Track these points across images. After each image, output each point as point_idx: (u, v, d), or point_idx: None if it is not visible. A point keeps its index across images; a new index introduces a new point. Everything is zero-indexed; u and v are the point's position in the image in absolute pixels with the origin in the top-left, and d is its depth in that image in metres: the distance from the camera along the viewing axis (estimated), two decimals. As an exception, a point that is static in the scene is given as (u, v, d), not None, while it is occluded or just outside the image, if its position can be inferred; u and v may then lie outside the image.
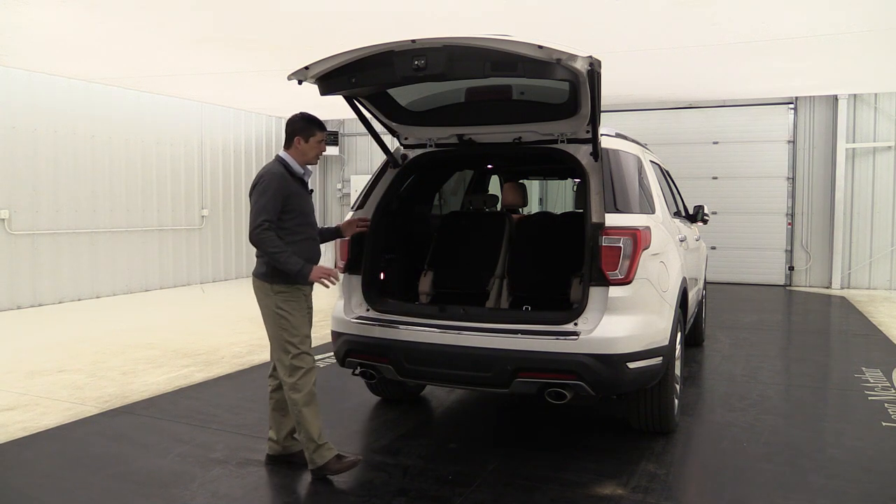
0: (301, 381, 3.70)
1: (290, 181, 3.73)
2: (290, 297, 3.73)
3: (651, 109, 13.00)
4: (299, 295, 3.77)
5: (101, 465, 3.98)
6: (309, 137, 3.82)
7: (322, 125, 3.90)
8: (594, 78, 3.46)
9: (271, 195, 3.62)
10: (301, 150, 3.82)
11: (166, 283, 11.85)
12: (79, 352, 6.81)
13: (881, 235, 11.99)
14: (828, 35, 7.71)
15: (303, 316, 3.79)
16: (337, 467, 3.72)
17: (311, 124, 3.84)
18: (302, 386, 3.70)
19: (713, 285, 10.91)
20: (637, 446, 4.22)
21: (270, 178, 3.67)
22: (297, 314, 3.75)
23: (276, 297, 3.72)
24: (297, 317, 3.75)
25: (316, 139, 3.84)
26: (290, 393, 3.71)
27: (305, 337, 3.78)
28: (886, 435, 4.49)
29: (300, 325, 3.76)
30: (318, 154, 3.88)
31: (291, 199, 3.71)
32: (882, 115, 11.86)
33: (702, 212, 6.57)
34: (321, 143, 3.87)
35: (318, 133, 3.85)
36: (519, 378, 3.75)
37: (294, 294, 3.74)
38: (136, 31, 7.55)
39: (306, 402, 3.70)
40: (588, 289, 3.78)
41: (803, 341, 7.96)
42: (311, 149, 3.83)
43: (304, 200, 3.81)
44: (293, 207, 3.72)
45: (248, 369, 6.21)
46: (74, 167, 10.26)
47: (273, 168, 3.75)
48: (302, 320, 3.78)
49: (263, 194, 3.63)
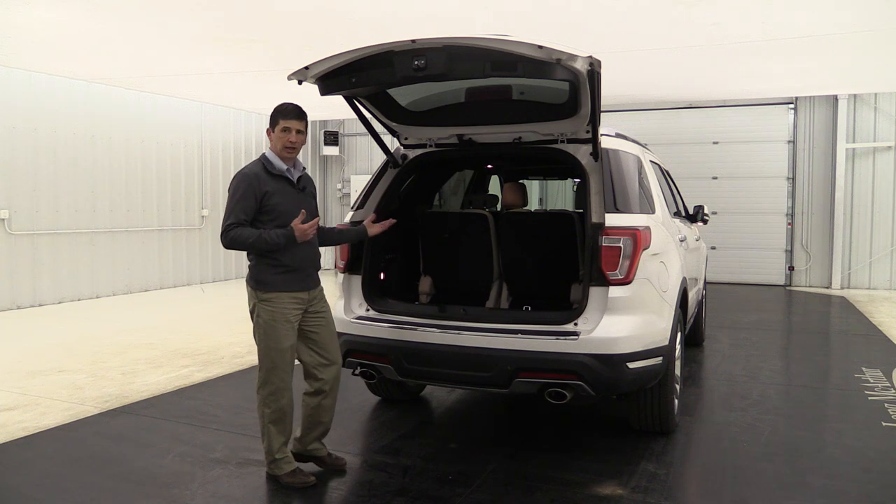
0: (270, 398, 3.57)
1: (266, 180, 3.49)
2: (272, 305, 3.52)
3: (651, 109, 13.00)
4: (286, 303, 3.53)
5: (101, 465, 3.98)
6: (273, 127, 3.57)
7: (288, 111, 3.55)
8: (594, 78, 3.46)
9: (239, 196, 3.45)
10: (272, 144, 3.58)
11: (166, 283, 11.85)
12: (79, 352, 6.81)
13: (881, 235, 12.00)
14: (828, 35, 7.71)
15: (287, 328, 3.55)
16: (289, 480, 3.62)
17: (275, 112, 3.57)
18: (271, 402, 3.57)
19: (713, 285, 10.91)
20: (637, 446, 4.22)
21: (238, 180, 3.49)
22: (280, 325, 3.52)
23: (259, 304, 3.55)
24: (279, 329, 3.52)
25: (279, 127, 3.53)
26: (260, 405, 3.61)
27: (283, 351, 3.54)
28: (886, 435, 4.49)
29: (281, 338, 3.53)
30: (285, 145, 3.53)
31: (268, 198, 3.48)
32: (882, 115, 11.86)
33: (702, 212, 6.57)
34: (287, 132, 3.52)
35: (280, 120, 3.53)
36: (519, 378, 3.75)
37: (278, 303, 3.52)
38: (136, 32, 7.55)
39: (274, 419, 3.59)
40: (588, 289, 3.78)
41: (803, 341, 7.96)
42: (277, 139, 3.54)
43: (286, 199, 3.54)
44: (271, 207, 3.48)
45: (248, 369, 6.21)
46: (74, 167, 10.26)
47: (246, 168, 3.56)
48: (285, 333, 3.54)
49: (231, 198, 3.47)
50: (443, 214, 5.40)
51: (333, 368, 3.76)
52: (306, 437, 3.81)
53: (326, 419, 3.80)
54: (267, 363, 3.56)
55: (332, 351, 3.77)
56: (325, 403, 3.75)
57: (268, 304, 3.53)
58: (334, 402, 3.82)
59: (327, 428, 3.84)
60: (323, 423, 3.80)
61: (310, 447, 3.82)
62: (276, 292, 3.53)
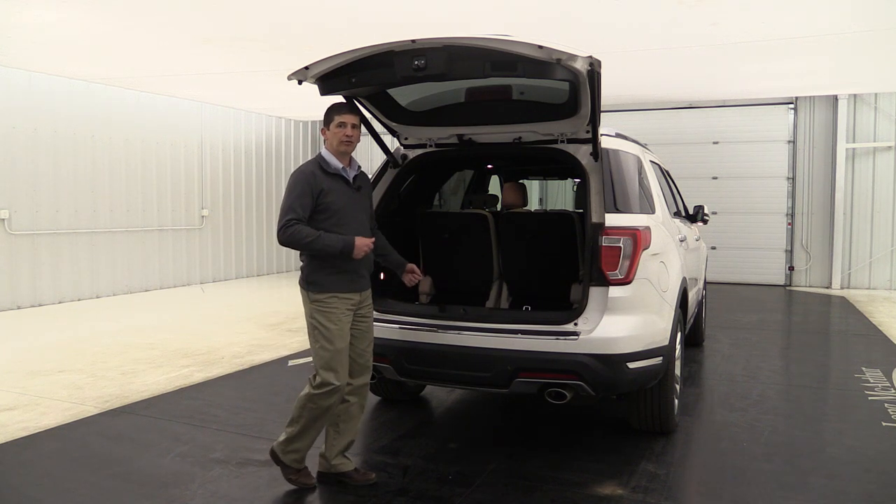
0: (320, 397, 3.48)
1: (322, 178, 3.49)
2: (324, 306, 3.49)
3: (651, 109, 13.00)
4: (337, 304, 3.50)
5: (101, 465, 3.98)
6: (328, 124, 3.57)
7: (343, 106, 3.60)
8: (594, 78, 3.46)
9: (297, 194, 3.43)
10: (328, 142, 3.58)
11: (166, 283, 11.85)
12: (79, 352, 6.81)
13: (881, 235, 12.00)
14: (828, 35, 7.71)
15: (339, 329, 3.50)
16: (292, 477, 3.60)
17: (329, 110, 3.58)
18: (319, 400, 3.49)
19: (713, 285, 10.91)
20: (637, 446, 4.22)
21: (296, 177, 3.49)
22: (333, 326, 3.48)
23: (311, 305, 3.53)
24: (333, 329, 3.48)
25: (334, 123, 3.54)
26: (306, 399, 3.53)
27: (338, 352, 3.50)
28: (886, 435, 4.49)
29: (334, 339, 3.48)
30: (341, 140, 3.53)
31: (324, 196, 3.47)
32: (882, 115, 11.87)
33: (702, 212, 6.57)
34: (342, 127, 3.52)
35: (335, 117, 3.55)
36: (519, 378, 3.75)
37: (330, 304, 3.49)
38: (136, 32, 7.54)
39: (315, 416, 3.52)
40: (588, 289, 3.78)
41: (803, 341, 7.96)
42: (333, 135, 3.55)
43: (341, 198, 3.53)
44: (326, 206, 3.47)
45: (248, 369, 6.21)
46: (74, 167, 10.25)
47: (303, 166, 3.57)
48: (338, 333, 3.49)
49: (288, 195, 3.46)
50: (443, 214, 5.40)
51: (366, 375, 3.74)
52: (332, 450, 3.69)
53: (352, 428, 3.72)
54: (323, 364, 3.49)
55: (367, 357, 3.72)
56: (353, 410, 3.70)
57: (321, 305, 3.50)
58: (361, 411, 3.76)
59: (352, 439, 3.74)
60: (349, 433, 3.71)
61: (335, 461, 3.69)
62: (329, 293, 3.50)
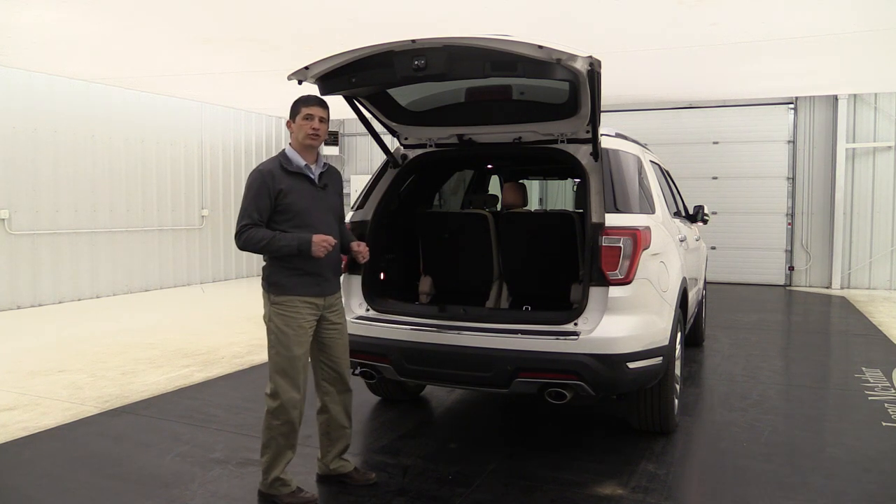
0: (279, 410, 3.35)
1: (282, 177, 3.33)
2: (284, 309, 3.34)
3: (651, 109, 13.00)
4: (298, 308, 3.35)
5: (101, 465, 3.98)
6: (294, 116, 3.40)
7: (311, 98, 3.42)
8: (594, 78, 3.46)
9: (252, 195, 3.30)
10: (293, 135, 3.42)
11: (166, 283, 11.85)
12: (79, 352, 6.81)
13: (881, 235, 12.00)
14: (828, 35, 7.71)
15: (297, 335, 3.35)
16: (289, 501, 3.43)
17: (296, 101, 3.41)
18: (279, 413, 3.35)
19: (713, 285, 10.91)
20: (637, 446, 4.22)
21: (252, 178, 3.34)
22: (290, 331, 3.33)
23: (271, 308, 3.39)
24: (290, 335, 3.33)
25: (301, 115, 3.37)
26: (268, 416, 3.40)
27: (294, 359, 3.34)
28: (886, 435, 4.49)
29: (291, 345, 3.33)
30: (308, 134, 3.35)
31: (283, 197, 3.31)
32: (882, 115, 11.86)
33: (702, 212, 6.58)
34: (309, 120, 3.36)
35: (302, 108, 3.37)
36: (519, 378, 3.74)
37: (290, 307, 3.34)
38: (136, 32, 7.54)
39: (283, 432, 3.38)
40: (588, 289, 3.78)
41: (803, 341, 7.96)
42: (298, 128, 3.38)
43: (303, 198, 3.37)
44: (286, 207, 3.32)
45: (248, 369, 6.21)
46: (74, 167, 10.26)
47: (262, 164, 3.40)
48: (296, 339, 3.34)
49: (245, 196, 3.34)
50: (443, 214, 5.39)
51: (343, 383, 3.65)
52: (327, 456, 3.67)
53: (344, 434, 3.67)
54: (277, 371, 3.36)
55: (342, 365, 3.62)
56: (339, 418, 3.63)
57: (279, 308, 3.36)
58: (348, 417, 3.68)
59: (347, 443, 3.70)
60: (341, 439, 3.66)
61: (333, 465, 3.66)
62: (288, 296, 3.35)
